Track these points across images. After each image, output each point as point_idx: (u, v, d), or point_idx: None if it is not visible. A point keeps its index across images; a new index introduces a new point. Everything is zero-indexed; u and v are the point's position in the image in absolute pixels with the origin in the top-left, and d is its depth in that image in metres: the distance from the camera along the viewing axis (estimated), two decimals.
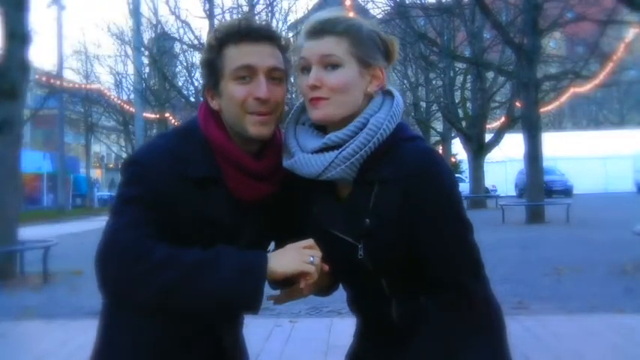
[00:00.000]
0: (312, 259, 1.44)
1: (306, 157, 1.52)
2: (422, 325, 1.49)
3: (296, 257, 1.45)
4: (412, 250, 1.50)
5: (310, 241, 1.48)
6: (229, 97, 1.54)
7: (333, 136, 1.51)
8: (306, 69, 1.53)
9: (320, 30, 1.51)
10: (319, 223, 1.55)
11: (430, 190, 1.47)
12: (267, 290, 1.67)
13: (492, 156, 28.14)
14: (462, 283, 1.50)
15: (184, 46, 28.18)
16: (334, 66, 1.50)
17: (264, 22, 1.62)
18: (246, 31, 1.53)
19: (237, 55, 1.53)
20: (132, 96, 29.02)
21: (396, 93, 1.60)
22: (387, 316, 1.56)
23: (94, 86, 35.33)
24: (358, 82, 1.52)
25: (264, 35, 1.55)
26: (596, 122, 52.22)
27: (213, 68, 1.56)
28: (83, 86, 35.43)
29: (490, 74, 26.03)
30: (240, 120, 1.54)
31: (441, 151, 27.24)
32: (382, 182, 1.49)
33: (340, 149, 1.49)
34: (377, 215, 1.49)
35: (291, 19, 27.74)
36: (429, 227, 1.48)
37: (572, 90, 23.27)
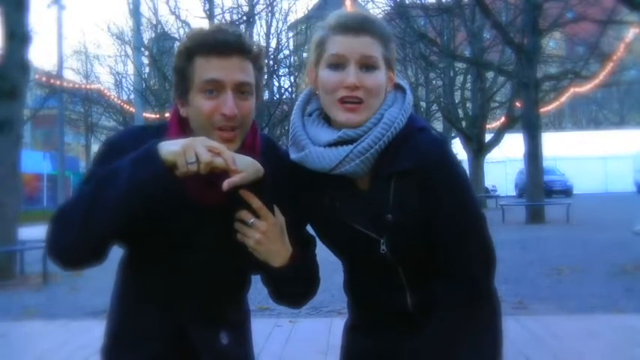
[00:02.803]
0: (193, 158, 1.38)
1: (319, 151, 1.51)
2: (431, 316, 1.50)
3: (184, 145, 1.40)
4: (429, 240, 1.51)
5: (220, 146, 1.42)
6: (196, 109, 1.52)
7: (349, 131, 1.50)
8: (336, 65, 1.50)
9: (359, 28, 1.49)
10: (339, 217, 1.54)
11: (445, 179, 1.49)
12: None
13: (492, 156, 28.11)
14: (473, 275, 1.51)
15: None
16: (371, 67, 1.50)
17: (237, 33, 1.54)
18: (214, 44, 1.50)
19: (205, 68, 1.50)
20: (132, 96, 28.98)
21: (407, 86, 1.61)
22: (401, 305, 1.57)
23: (94, 86, 35.25)
24: (385, 85, 1.54)
25: (234, 48, 1.51)
26: (596, 122, 52.18)
27: (182, 77, 1.54)
28: (83, 86, 35.37)
29: (490, 74, 26.02)
30: (207, 134, 1.51)
31: None
32: (399, 175, 1.49)
33: (355, 144, 1.49)
34: (398, 210, 1.49)
35: (291, 19, 27.79)
36: (445, 218, 1.49)
37: (572, 90, 23.26)
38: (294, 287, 1.62)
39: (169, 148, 1.41)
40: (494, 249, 1.55)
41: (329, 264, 1.77)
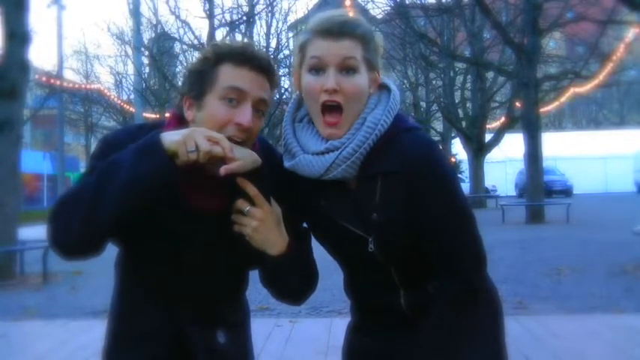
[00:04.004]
0: (193, 147, 1.41)
1: (308, 159, 1.53)
2: (427, 316, 1.51)
3: (184, 135, 1.43)
4: (418, 240, 1.52)
5: (218, 136, 1.45)
6: (211, 114, 1.52)
7: (335, 142, 1.52)
8: (316, 69, 1.51)
9: (339, 31, 1.50)
10: (330, 216, 1.56)
11: (431, 180, 1.49)
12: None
13: (492, 156, 28.13)
14: (465, 275, 1.52)
15: (184, 46, 28.23)
16: (351, 70, 1.50)
17: (266, 54, 1.62)
18: (248, 56, 1.53)
19: (232, 76, 1.52)
20: (132, 96, 28.99)
21: (392, 86, 1.61)
22: (395, 305, 1.58)
23: (94, 86, 35.23)
24: (367, 88, 1.54)
25: (264, 67, 1.55)
26: (596, 122, 52.20)
27: (202, 79, 1.54)
28: (83, 86, 35.35)
29: (490, 74, 26.03)
30: None
31: None
32: (385, 175, 1.51)
33: (340, 150, 1.51)
34: (384, 209, 1.50)
35: (291, 19, 27.81)
36: (432, 218, 1.50)
37: (572, 90, 23.26)
38: (292, 280, 1.63)
39: (171, 137, 1.44)
40: (484, 247, 1.56)
41: (329, 263, 1.77)
